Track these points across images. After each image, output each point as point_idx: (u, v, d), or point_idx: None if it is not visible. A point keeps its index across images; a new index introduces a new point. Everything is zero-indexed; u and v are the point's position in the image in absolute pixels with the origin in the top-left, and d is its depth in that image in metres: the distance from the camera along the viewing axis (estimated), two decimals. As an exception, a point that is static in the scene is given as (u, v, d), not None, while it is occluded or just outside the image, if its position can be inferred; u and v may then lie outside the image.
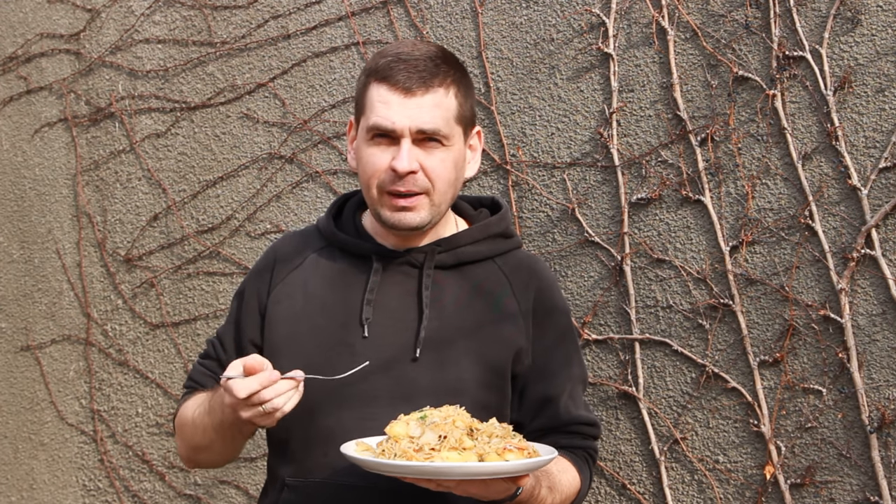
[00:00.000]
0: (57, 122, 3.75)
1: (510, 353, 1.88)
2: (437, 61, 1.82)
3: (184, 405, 1.95)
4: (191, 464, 1.99)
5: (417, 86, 1.79)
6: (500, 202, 2.01)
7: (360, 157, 1.86)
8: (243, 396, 1.65)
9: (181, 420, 1.94)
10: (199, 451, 1.92)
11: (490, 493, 1.66)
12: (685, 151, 2.73)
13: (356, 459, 1.64)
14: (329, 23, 3.23)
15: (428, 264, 1.88)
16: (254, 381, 1.65)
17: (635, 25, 2.79)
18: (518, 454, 1.60)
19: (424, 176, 1.81)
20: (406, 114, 1.79)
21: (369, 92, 1.83)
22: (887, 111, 2.51)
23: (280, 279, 1.94)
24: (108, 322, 3.65)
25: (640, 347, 2.79)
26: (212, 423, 1.81)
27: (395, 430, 1.66)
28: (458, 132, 1.85)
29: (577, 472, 1.88)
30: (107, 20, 3.63)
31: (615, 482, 2.82)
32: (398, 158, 1.79)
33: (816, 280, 2.59)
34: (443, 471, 1.56)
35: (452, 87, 1.83)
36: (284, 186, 3.30)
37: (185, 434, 1.93)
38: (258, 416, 1.67)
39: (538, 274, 1.95)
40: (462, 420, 1.65)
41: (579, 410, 1.92)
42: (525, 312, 1.90)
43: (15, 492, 3.88)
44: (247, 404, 1.66)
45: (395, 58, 1.81)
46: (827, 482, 2.58)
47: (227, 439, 1.84)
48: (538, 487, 1.76)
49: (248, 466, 3.38)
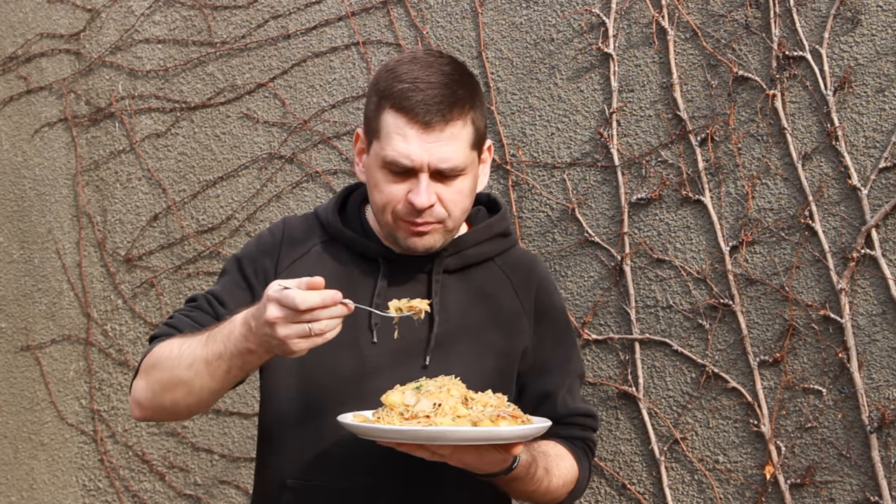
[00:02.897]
0: (57, 122, 3.75)
1: (516, 355, 1.88)
2: (454, 87, 1.78)
3: (161, 344, 1.81)
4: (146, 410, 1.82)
5: (437, 120, 1.75)
6: (496, 199, 2.00)
7: (372, 180, 1.82)
8: (303, 308, 1.56)
9: (154, 358, 1.80)
10: (172, 390, 1.76)
11: (484, 464, 1.66)
12: (685, 151, 2.73)
13: (351, 426, 1.65)
14: (329, 23, 3.23)
15: (436, 269, 1.87)
16: (316, 296, 1.57)
17: (635, 25, 2.79)
18: (511, 421, 1.61)
19: (441, 206, 1.79)
20: (425, 148, 1.75)
21: (384, 118, 1.78)
22: (887, 111, 2.51)
23: (285, 265, 1.90)
24: (108, 322, 3.65)
25: (640, 347, 2.79)
26: (206, 354, 1.70)
27: (390, 398, 1.67)
28: (474, 157, 1.83)
29: (574, 461, 1.89)
30: (107, 20, 3.63)
31: (615, 482, 2.82)
32: (417, 193, 1.76)
33: (816, 280, 2.59)
34: (435, 435, 1.58)
35: (470, 115, 1.79)
36: (284, 186, 3.30)
37: (158, 371, 1.78)
38: (298, 337, 1.58)
39: (537, 272, 1.96)
40: (457, 389, 1.67)
41: (577, 403, 1.94)
42: (528, 311, 1.91)
43: (15, 492, 3.88)
44: (296, 320, 1.57)
45: (412, 85, 1.76)
46: (827, 482, 2.58)
47: (216, 376, 1.71)
48: (534, 466, 1.76)
49: (248, 466, 3.38)
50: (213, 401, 1.78)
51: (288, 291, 1.57)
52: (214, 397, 1.76)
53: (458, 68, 1.82)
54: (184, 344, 1.75)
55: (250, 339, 1.64)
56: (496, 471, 1.69)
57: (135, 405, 1.83)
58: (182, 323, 1.86)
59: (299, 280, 1.60)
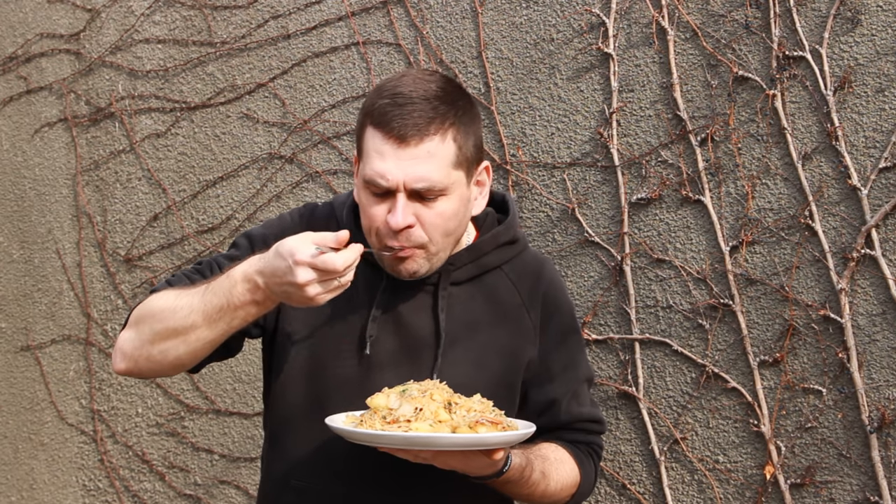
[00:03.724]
0: (57, 122, 3.75)
1: (521, 366, 1.87)
2: (435, 103, 1.73)
3: (154, 295, 1.79)
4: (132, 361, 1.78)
5: (412, 133, 1.70)
6: (508, 202, 1.96)
7: (359, 200, 1.80)
8: (343, 269, 1.58)
9: (146, 308, 1.78)
10: (163, 339, 1.73)
11: (471, 468, 1.66)
12: (685, 151, 2.73)
13: (336, 429, 1.66)
14: (329, 23, 3.23)
15: (443, 284, 1.85)
16: (351, 253, 1.59)
17: (635, 25, 2.79)
18: (490, 427, 1.61)
19: (421, 230, 1.75)
20: (400, 166, 1.71)
21: (366, 136, 1.76)
22: (887, 111, 2.51)
23: None
24: (108, 322, 3.65)
25: (640, 347, 2.79)
26: (204, 304, 1.68)
27: (375, 401, 1.68)
28: (459, 177, 1.76)
29: (576, 465, 1.88)
30: (107, 20, 3.63)
31: (615, 482, 2.82)
32: (393, 214, 1.72)
33: (816, 280, 2.59)
34: (410, 440, 1.59)
35: (450, 131, 1.74)
36: (284, 186, 3.30)
37: (150, 321, 1.75)
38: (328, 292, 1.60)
39: (544, 278, 1.93)
40: (440, 394, 1.67)
41: (582, 408, 1.92)
42: (535, 322, 1.89)
43: (15, 492, 3.88)
44: (329, 277, 1.59)
45: (392, 101, 1.72)
46: (827, 482, 2.58)
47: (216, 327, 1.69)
48: (529, 469, 1.75)
49: (248, 466, 3.38)
50: (205, 353, 1.75)
51: (326, 257, 1.58)
52: (208, 349, 1.74)
53: (447, 86, 1.78)
54: (180, 296, 1.73)
55: (257, 294, 1.64)
56: (487, 474, 1.69)
57: (119, 356, 1.79)
58: (181, 281, 1.84)
59: (324, 236, 1.60)
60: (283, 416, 1.88)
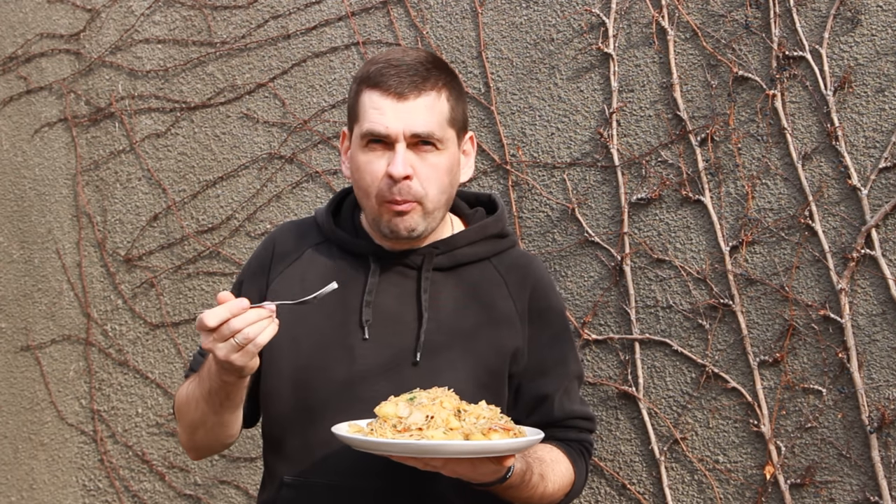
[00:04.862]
0: (57, 122, 3.75)
1: (506, 356, 1.88)
2: (428, 66, 1.84)
3: (179, 389, 1.96)
4: (191, 451, 1.96)
5: (409, 90, 1.81)
6: (496, 200, 2.01)
7: (355, 164, 1.86)
8: (213, 325, 1.62)
9: (178, 402, 1.94)
10: (195, 430, 1.89)
11: (478, 475, 1.66)
12: (685, 151, 2.73)
13: (345, 438, 1.66)
14: (329, 23, 3.23)
15: (426, 267, 1.88)
16: (223, 310, 1.64)
17: (635, 25, 2.79)
18: (503, 434, 1.62)
19: (418, 182, 1.81)
20: (399, 118, 1.80)
21: (361, 99, 1.84)
22: (887, 111, 2.51)
23: (277, 273, 1.94)
24: (108, 322, 3.65)
25: (640, 347, 2.79)
26: (202, 392, 1.81)
27: (384, 410, 1.69)
28: (452, 136, 1.86)
29: (570, 464, 1.89)
30: (107, 20, 3.63)
31: (615, 482, 2.82)
32: (393, 164, 1.79)
33: (816, 280, 2.59)
34: (426, 448, 1.59)
35: (444, 91, 1.84)
36: (284, 186, 3.30)
37: (182, 415, 1.92)
38: (234, 353, 1.65)
39: (533, 273, 1.95)
40: (450, 401, 1.68)
41: (573, 405, 1.93)
42: (521, 313, 1.90)
43: (15, 492, 3.88)
44: (220, 338, 1.64)
45: (386, 64, 1.83)
46: (827, 482, 2.58)
47: (217, 409, 1.81)
48: (529, 473, 1.76)
49: (248, 466, 3.38)
50: (232, 422, 1.87)
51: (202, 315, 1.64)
52: (230, 421, 1.86)
53: (435, 58, 1.88)
54: (189, 386, 1.88)
55: (221, 371, 1.73)
56: (491, 480, 1.69)
57: (186, 450, 1.97)
58: (198, 365, 1.94)
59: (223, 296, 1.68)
60: (274, 416, 1.91)
